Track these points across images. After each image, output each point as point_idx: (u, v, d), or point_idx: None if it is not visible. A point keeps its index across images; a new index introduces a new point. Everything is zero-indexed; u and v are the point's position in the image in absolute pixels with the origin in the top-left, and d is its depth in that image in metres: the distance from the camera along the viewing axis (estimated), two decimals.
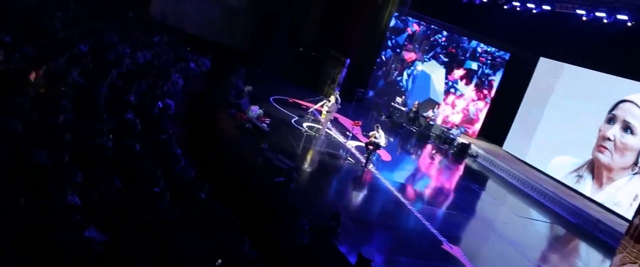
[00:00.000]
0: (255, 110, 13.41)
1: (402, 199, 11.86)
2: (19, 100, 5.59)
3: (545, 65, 19.40)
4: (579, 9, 15.85)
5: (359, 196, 11.72)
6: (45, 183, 4.37)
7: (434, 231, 10.59)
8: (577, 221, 14.22)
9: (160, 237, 4.95)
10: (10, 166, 4.32)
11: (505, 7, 18.44)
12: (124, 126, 7.55)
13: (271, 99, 17.09)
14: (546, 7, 16.90)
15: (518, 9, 18.06)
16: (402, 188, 12.71)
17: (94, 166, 5.60)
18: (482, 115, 21.47)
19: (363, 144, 13.82)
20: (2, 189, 3.84)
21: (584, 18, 15.88)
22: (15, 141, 4.75)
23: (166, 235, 5.14)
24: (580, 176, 16.36)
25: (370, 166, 13.19)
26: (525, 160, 18.69)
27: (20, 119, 5.12)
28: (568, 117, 17.63)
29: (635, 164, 14.85)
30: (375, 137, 12.90)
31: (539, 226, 13.80)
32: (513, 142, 19.89)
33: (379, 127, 13.12)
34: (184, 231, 5.49)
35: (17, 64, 7.06)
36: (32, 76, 6.84)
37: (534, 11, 17.41)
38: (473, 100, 21.49)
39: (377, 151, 13.46)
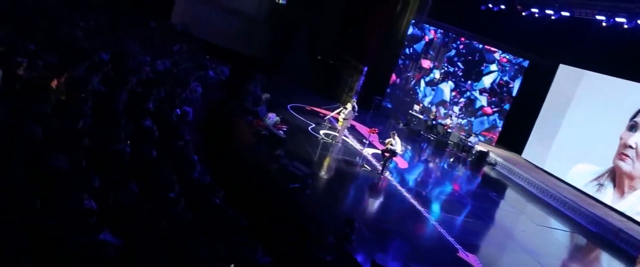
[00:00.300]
0: (272, 117, 13.54)
1: (418, 207, 11.81)
2: (40, 107, 5.76)
3: (564, 72, 19.18)
4: (598, 14, 15.67)
5: (374, 203, 11.72)
6: (62, 187, 4.50)
7: (450, 238, 10.53)
8: (597, 230, 13.98)
9: (173, 242, 5.05)
10: (29, 169, 4.45)
11: (523, 13, 18.35)
12: (141, 132, 7.71)
13: (289, 106, 17.22)
14: (565, 13, 16.75)
15: (536, 15, 17.94)
16: (418, 195, 12.66)
17: (111, 171, 5.74)
18: (500, 123, 21.31)
19: (379, 151, 13.82)
20: (20, 192, 3.96)
21: (604, 24, 15.69)
22: (35, 146, 4.89)
23: (179, 239, 5.24)
24: (601, 185, 16.09)
25: (387, 173, 13.18)
26: (545, 168, 18.46)
27: (41, 124, 5.28)
28: (588, 124, 17.38)
29: None
30: (391, 144, 12.90)
31: (559, 235, 13.61)
32: (532, 150, 19.67)
33: (395, 134, 13.12)
34: (197, 235, 5.58)
35: (40, 72, 7.26)
36: (54, 83, 7.03)
37: (553, 17, 17.28)
38: (491, 109, 21.33)
39: (394, 158, 13.44)
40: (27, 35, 9.01)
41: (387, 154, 12.98)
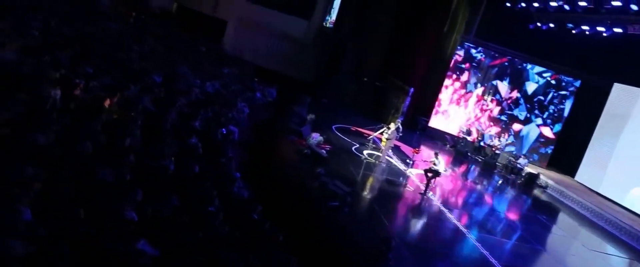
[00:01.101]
0: (315, 137, 13.76)
1: (461, 227, 11.63)
2: (92, 125, 6.21)
3: (619, 91, 18.50)
4: None
5: (415, 223, 11.64)
6: (106, 198, 4.83)
7: (493, 260, 10.29)
8: None
9: (208, 254, 5.28)
10: (77, 182, 4.82)
11: (573, 31, 17.86)
12: (186, 149, 8.10)
13: (334, 127, 17.42)
14: (617, 30, 16.17)
15: (587, 33, 17.42)
16: (461, 216, 12.48)
17: (155, 185, 6.08)
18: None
19: (422, 171, 13.74)
20: (67, 202, 4.31)
21: None
22: (84, 160, 5.28)
23: (215, 252, 5.47)
24: None
25: (430, 193, 13.07)
26: (599, 191, 17.73)
27: (91, 140, 5.69)
28: None
29: None
30: (434, 164, 12.82)
31: (614, 261, 13.01)
32: (586, 173, 18.94)
33: (438, 154, 13.04)
34: (233, 249, 5.80)
35: (94, 93, 7.79)
36: (107, 103, 7.53)
37: (605, 35, 16.72)
38: (543, 131, 20.78)
39: (437, 178, 13.33)
40: (86, 59, 9.66)
41: (430, 174, 12.89)
